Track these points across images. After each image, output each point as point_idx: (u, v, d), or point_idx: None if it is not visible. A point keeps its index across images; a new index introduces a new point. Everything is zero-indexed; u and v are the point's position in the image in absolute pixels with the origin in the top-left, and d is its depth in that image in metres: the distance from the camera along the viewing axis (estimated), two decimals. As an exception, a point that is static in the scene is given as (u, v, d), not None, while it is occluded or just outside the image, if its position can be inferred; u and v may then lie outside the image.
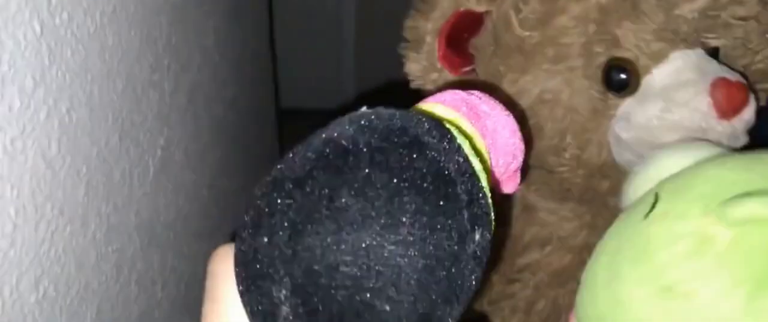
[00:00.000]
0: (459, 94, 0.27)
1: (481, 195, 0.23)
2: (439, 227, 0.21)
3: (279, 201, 0.22)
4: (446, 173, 0.22)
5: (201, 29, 0.91)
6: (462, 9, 0.59)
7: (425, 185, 0.21)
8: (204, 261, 0.25)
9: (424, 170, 0.22)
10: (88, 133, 0.53)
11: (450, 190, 0.22)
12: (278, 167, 0.23)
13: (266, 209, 0.22)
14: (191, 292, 0.82)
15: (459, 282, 0.22)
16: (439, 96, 0.27)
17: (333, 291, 0.21)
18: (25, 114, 0.44)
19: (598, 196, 0.65)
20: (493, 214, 0.24)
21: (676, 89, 0.55)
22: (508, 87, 0.60)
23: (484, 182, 0.23)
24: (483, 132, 0.26)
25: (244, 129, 1.24)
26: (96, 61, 0.55)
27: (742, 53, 0.60)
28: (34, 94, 0.45)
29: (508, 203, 0.71)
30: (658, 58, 0.56)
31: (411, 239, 0.21)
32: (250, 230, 0.22)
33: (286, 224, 0.21)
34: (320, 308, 0.21)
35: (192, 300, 0.82)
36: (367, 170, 0.21)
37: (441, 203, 0.21)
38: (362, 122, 0.22)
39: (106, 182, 0.58)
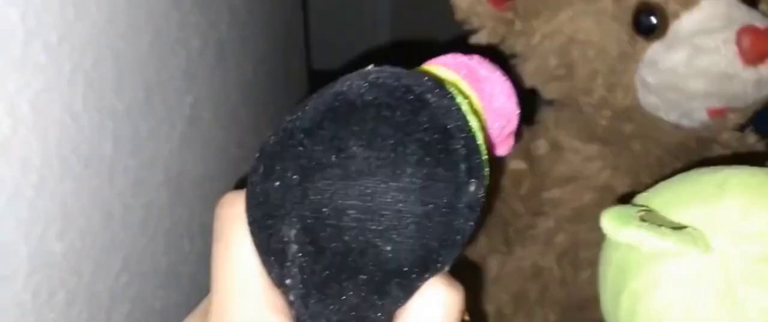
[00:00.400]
0: (459, 57, 0.29)
1: (477, 151, 0.25)
2: (437, 177, 0.23)
3: (290, 148, 0.24)
4: (446, 128, 0.24)
5: (230, -13, 0.91)
6: None
7: (427, 138, 0.23)
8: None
9: (426, 125, 0.23)
10: (114, 89, 0.54)
11: (449, 144, 0.23)
12: (289, 117, 0.25)
13: (278, 156, 0.24)
14: (219, 247, 0.84)
15: (454, 230, 0.24)
16: (441, 58, 0.29)
17: (339, 231, 0.23)
18: (50, 69, 0.45)
19: (622, 138, 0.68)
20: (488, 171, 0.25)
21: (703, 36, 0.56)
22: (543, 25, 0.63)
23: (480, 140, 0.25)
24: (480, 95, 0.28)
25: (275, 89, 1.25)
26: (122, 18, 0.55)
27: None
28: (58, 50, 0.46)
29: (534, 141, 0.75)
30: (688, 4, 0.58)
31: (412, 187, 0.23)
32: (262, 175, 0.24)
33: (296, 170, 0.23)
34: (327, 246, 0.23)
35: (219, 255, 0.84)
36: (373, 123, 0.23)
37: (440, 155, 0.23)
38: (370, 79, 0.24)
39: (133, 137, 0.59)
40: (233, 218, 0.25)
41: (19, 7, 0.41)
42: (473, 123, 0.25)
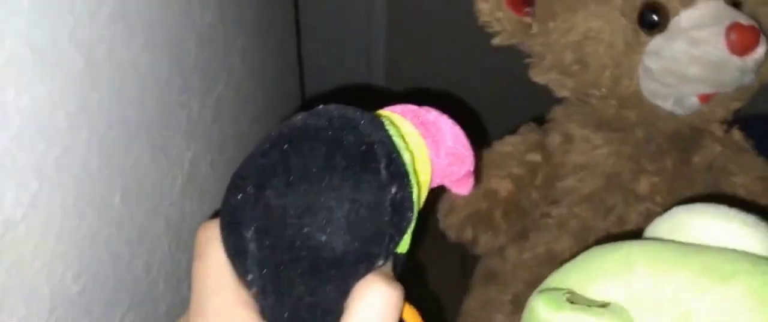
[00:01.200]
0: (409, 106, 0.34)
1: (398, 163, 0.30)
2: (361, 180, 0.28)
3: (248, 168, 0.30)
4: (370, 143, 0.29)
5: (228, 49, 0.99)
6: None
7: (353, 151, 0.29)
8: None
9: (353, 141, 0.29)
10: (123, 149, 0.62)
11: (372, 155, 0.29)
12: (254, 148, 0.30)
13: (240, 175, 0.30)
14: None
15: (381, 224, 0.29)
16: (394, 107, 0.35)
17: (284, 227, 0.28)
18: (71, 134, 0.52)
19: (627, 125, 0.77)
20: (412, 180, 0.31)
21: (699, 30, 0.67)
22: (560, 24, 0.72)
23: (406, 158, 0.31)
24: (425, 132, 0.33)
25: (270, 142, 1.32)
26: (131, 87, 0.63)
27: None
28: (77, 117, 0.53)
29: (548, 136, 0.84)
30: (686, 3, 0.68)
31: (340, 187, 0.28)
32: (230, 190, 0.30)
33: (253, 182, 0.29)
34: (276, 242, 0.28)
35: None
36: (310, 141, 0.29)
37: (364, 163, 0.29)
38: (313, 111, 0.31)
39: (139, 191, 0.66)
40: (208, 238, 0.30)
41: (46, 83, 0.49)
42: (399, 143, 0.31)
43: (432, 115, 0.34)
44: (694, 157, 0.80)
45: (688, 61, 0.66)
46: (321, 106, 0.31)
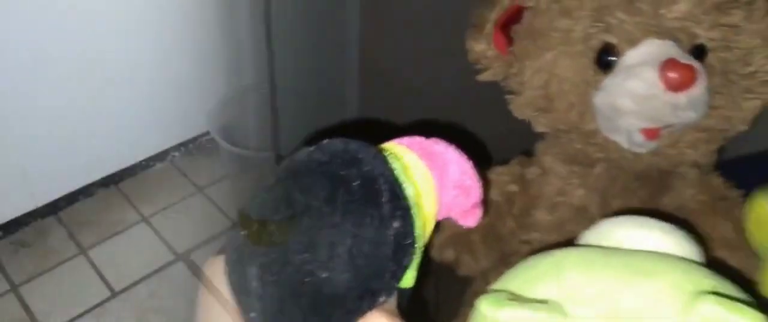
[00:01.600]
0: (416, 137, 0.34)
1: (401, 197, 0.29)
2: (364, 215, 0.28)
3: (253, 205, 0.30)
4: (372, 178, 0.29)
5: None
6: (517, 4, 0.76)
7: (355, 184, 0.28)
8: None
9: (355, 176, 0.29)
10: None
11: (375, 189, 0.29)
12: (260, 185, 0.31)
13: (246, 213, 0.30)
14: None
15: (382, 259, 0.28)
16: (401, 139, 0.35)
17: (286, 264, 0.28)
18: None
19: (591, 161, 0.79)
20: (416, 214, 0.30)
21: (637, 66, 0.68)
22: (533, 62, 0.75)
23: (409, 191, 0.30)
24: (431, 164, 0.33)
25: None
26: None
27: (739, 58, 0.72)
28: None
29: (529, 167, 0.86)
30: (633, 43, 0.70)
31: (342, 222, 0.27)
32: (234, 229, 0.30)
33: (256, 219, 0.29)
34: (278, 278, 0.28)
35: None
36: (313, 176, 0.29)
37: (367, 198, 0.28)
38: (318, 146, 0.31)
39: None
40: (213, 274, 0.30)
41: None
42: (403, 177, 0.30)
43: (439, 146, 0.34)
44: (664, 198, 0.81)
45: (620, 94, 0.68)
46: (325, 141, 0.31)
